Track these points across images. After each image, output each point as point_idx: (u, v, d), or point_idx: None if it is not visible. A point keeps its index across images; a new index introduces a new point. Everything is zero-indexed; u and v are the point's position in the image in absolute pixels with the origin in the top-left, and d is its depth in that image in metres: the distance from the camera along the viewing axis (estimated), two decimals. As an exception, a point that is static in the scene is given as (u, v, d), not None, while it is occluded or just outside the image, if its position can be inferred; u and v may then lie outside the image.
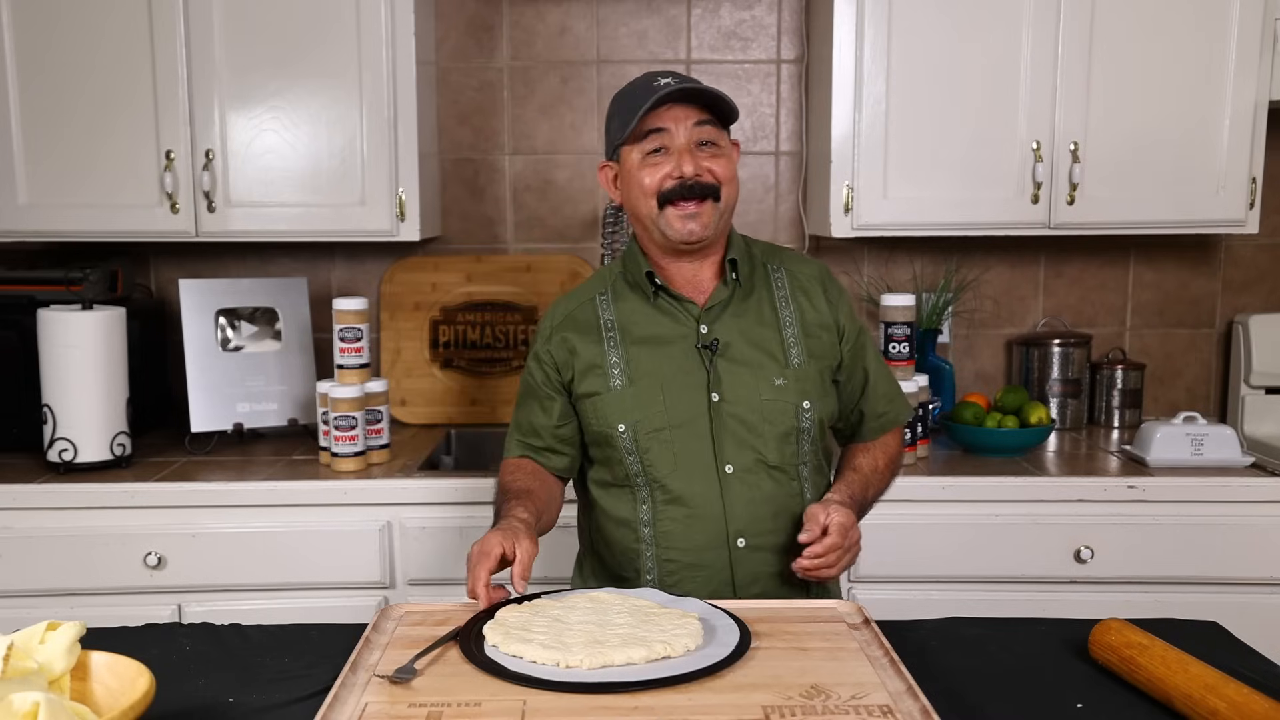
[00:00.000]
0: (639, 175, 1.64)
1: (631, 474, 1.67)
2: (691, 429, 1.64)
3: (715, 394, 1.65)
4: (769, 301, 1.71)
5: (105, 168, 2.50)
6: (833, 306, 1.73)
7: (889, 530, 2.32)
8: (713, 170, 1.63)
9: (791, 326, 1.70)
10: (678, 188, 1.61)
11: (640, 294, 1.71)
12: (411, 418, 2.84)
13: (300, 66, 2.49)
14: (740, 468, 1.64)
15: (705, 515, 1.64)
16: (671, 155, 1.62)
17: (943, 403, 2.73)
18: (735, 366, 1.66)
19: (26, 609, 2.25)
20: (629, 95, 1.65)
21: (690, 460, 1.64)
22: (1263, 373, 2.79)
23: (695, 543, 1.63)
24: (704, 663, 1.24)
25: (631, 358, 1.67)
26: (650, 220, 1.65)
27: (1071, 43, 2.47)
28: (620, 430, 1.65)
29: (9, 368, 2.51)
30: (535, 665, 1.24)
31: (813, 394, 1.67)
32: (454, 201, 2.90)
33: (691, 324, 1.68)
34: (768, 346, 1.68)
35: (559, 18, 2.84)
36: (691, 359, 1.66)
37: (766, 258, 1.76)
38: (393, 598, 2.34)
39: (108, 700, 1.14)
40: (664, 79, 1.62)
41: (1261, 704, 1.14)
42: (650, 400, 1.65)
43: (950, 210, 2.54)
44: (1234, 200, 2.52)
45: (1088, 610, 1.59)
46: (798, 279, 1.74)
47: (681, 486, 1.64)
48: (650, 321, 1.69)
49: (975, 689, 1.30)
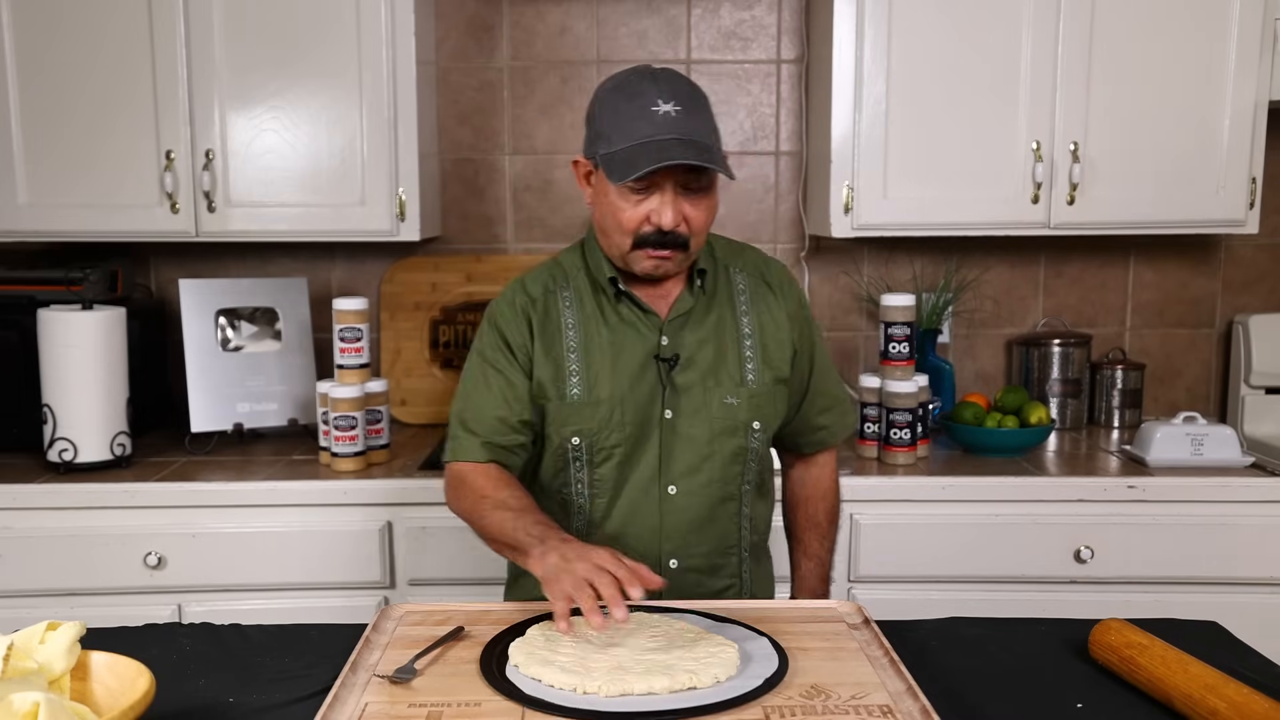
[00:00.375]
0: (616, 206, 1.54)
1: (572, 483, 1.64)
2: (642, 446, 1.61)
3: (669, 410, 1.62)
4: (730, 311, 1.67)
5: (105, 168, 2.50)
6: (790, 317, 1.70)
7: (889, 530, 2.32)
8: (690, 221, 1.53)
9: (750, 339, 1.66)
10: (652, 235, 1.53)
11: (602, 295, 1.65)
12: (411, 418, 2.84)
13: (300, 66, 2.49)
14: (683, 489, 1.62)
15: (638, 535, 1.62)
16: (653, 197, 1.52)
17: (943, 403, 2.73)
18: (690, 383, 1.62)
19: (26, 609, 2.25)
20: (623, 112, 1.50)
21: (635, 477, 1.62)
22: (1263, 373, 2.79)
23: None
24: (728, 694, 1.19)
25: (591, 367, 1.61)
26: (618, 251, 1.58)
27: (1071, 43, 2.47)
28: (574, 443, 1.61)
29: (9, 368, 2.51)
30: (551, 690, 1.21)
31: (765, 413, 1.65)
32: (454, 201, 2.90)
33: (653, 335, 1.63)
34: (725, 361, 1.64)
35: (559, 18, 2.84)
36: (649, 372, 1.62)
37: (728, 259, 1.71)
38: (393, 598, 2.34)
39: (108, 700, 1.14)
40: (663, 105, 1.48)
41: (1261, 704, 1.14)
42: (608, 416, 1.60)
43: (950, 210, 2.54)
44: (1234, 200, 2.52)
45: (1088, 610, 1.59)
46: (758, 285, 1.70)
47: (620, 504, 1.62)
48: (611, 329, 1.63)
49: (975, 689, 1.30)
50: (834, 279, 2.91)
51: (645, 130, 1.48)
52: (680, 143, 1.47)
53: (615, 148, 1.50)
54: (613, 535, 1.63)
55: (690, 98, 1.51)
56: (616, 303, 1.64)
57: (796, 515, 1.82)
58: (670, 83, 1.52)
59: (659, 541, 1.63)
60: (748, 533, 1.70)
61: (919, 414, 2.45)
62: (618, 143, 1.50)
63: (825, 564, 1.79)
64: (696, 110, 1.51)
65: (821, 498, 1.81)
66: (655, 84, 1.51)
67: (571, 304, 1.65)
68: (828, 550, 1.80)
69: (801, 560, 1.80)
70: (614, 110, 1.53)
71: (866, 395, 2.51)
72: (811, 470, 1.82)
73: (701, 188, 1.54)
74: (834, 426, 1.79)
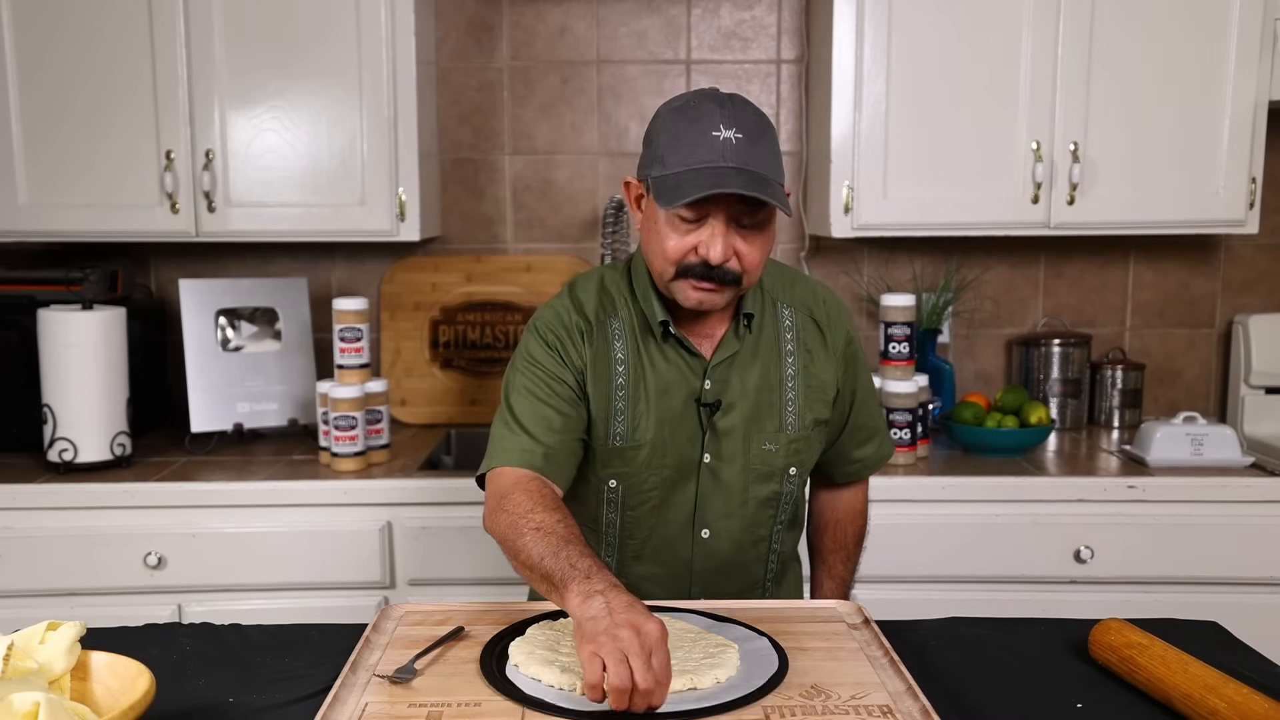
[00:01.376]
0: (664, 233, 1.45)
1: (603, 522, 1.62)
2: (679, 490, 1.58)
3: (709, 455, 1.57)
4: (775, 352, 1.60)
5: (105, 167, 2.50)
6: (838, 357, 1.63)
7: (889, 530, 2.32)
8: (742, 257, 1.44)
9: (794, 381, 1.60)
10: (699, 267, 1.44)
11: (649, 333, 1.57)
12: (411, 418, 2.84)
13: (300, 66, 2.49)
14: (715, 532, 1.60)
15: (670, 576, 1.62)
16: (704, 228, 1.43)
17: (943, 403, 2.73)
18: (731, 428, 1.57)
19: (26, 609, 2.26)
20: (684, 135, 1.42)
21: (669, 519, 1.60)
22: (1263, 373, 2.79)
23: (654, 596, 1.57)
24: (729, 695, 1.18)
25: (635, 411, 1.55)
26: (662, 280, 1.50)
27: (1071, 43, 2.47)
28: (611, 485, 1.58)
29: (9, 368, 2.51)
30: (550, 689, 1.20)
31: (803, 458, 1.62)
32: (454, 201, 2.90)
33: (696, 379, 1.56)
34: (766, 407, 1.58)
35: (559, 18, 2.84)
36: (690, 415, 1.56)
37: (777, 293, 1.63)
38: (393, 598, 2.34)
39: (108, 700, 1.14)
40: (725, 131, 1.39)
41: (1261, 704, 1.14)
42: (647, 459, 1.56)
43: (950, 210, 2.54)
44: (1234, 200, 2.52)
45: (1088, 610, 1.60)
46: (806, 322, 1.62)
47: (653, 544, 1.61)
48: (655, 369, 1.56)
49: (975, 689, 1.30)
50: (834, 279, 2.91)
51: (703, 156, 1.39)
52: (737, 172, 1.38)
53: (669, 171, 1.42)
54: (645, 576, 1.62)
55: (755, 126, 1.42)
56: (663, 342, 1.57)
57: (824, 538, 1.79)
58: (736, 109, 1.43)
59: (688, 580, 1.62)
60: (775, 566, 1.69)
61: (919, 414, 2.45)
62: (672, 166, 1.41)
63: (847, 584, 1.78)
64: (760, 140, 1.42)
65: (851, 521, 1.78)
66: (719, 108, 1.42)
67: (622, 337, 1.57)
68: (851, 571, 1.79)
69: (825, 580, 1.78)
70: (674, 133, 1.43)
71: (866, 395, 2.52)
72: (844, 495, 1.78)
73: (756, 223, 1.44)
74: (870, 459, 1.74)
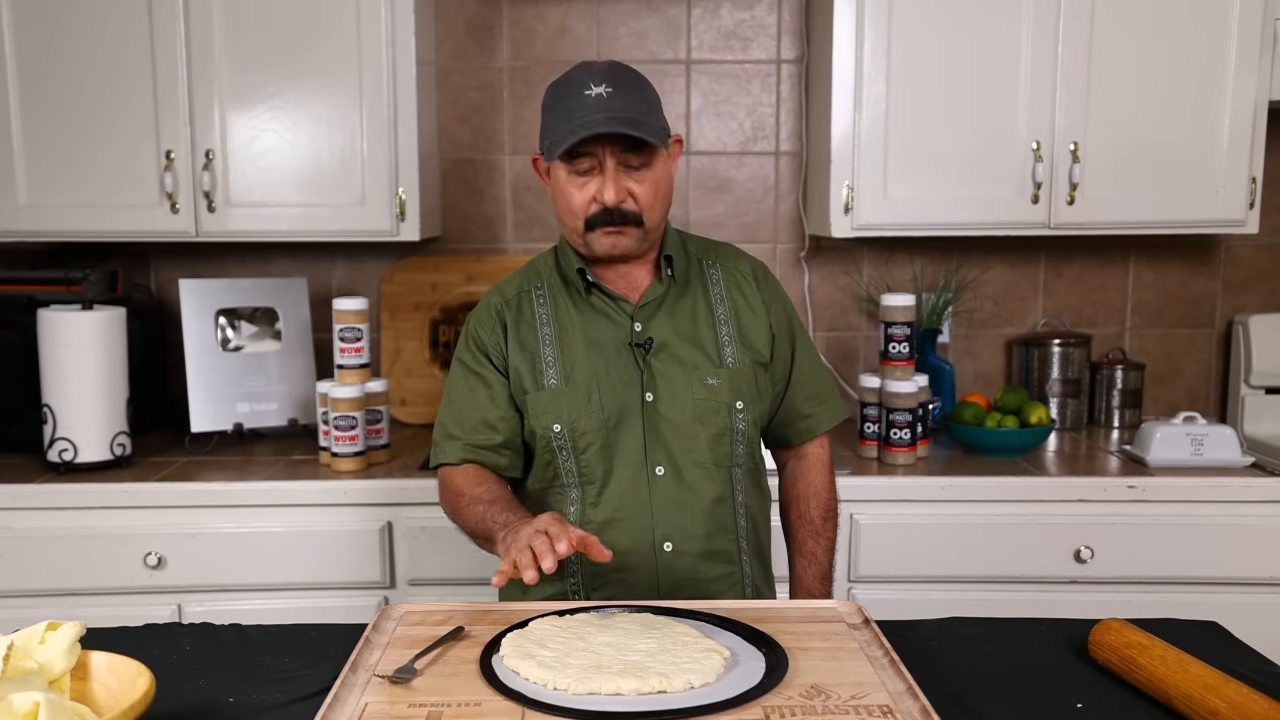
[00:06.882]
0: (566, 190, 1.62)
1: (562, 474, 1.66)
2: (624, 430, 1.64)
3: (649, 394, 1.64)
4: (704, 298, 1.71)
5: (105, 168, 2.50)
6: (766, 304, 1.73)
7: (889, 530, 2.33)
8: (636, 196, 1.60)
9: (726, 324, 1.70)
10: (600, 214, 1.60)
11: (574, 290, 1.70)
12: (411, 418, 2.84)
13: (300, 66, 2.49)
14: (671, 470, 1.64)
15: (631, 519, 1.63)
16: (597, 176, 1.60)
17: (943, 403, 2.73)
18: (668, 366, 1.65)
19: (26, 609, 2.26)
20: (562, 100, 1.60)
21: (622, 462, 1.64)
22: (1263, 373, 2.79)
23: (621, 546, 1.60)
24: (694, 702, 1.17)
25: (566, 356, 1.66)
26: (576, 235, 1.65)
27: (1071, 42, 2.47)
28: (556, 430, 1.64)
29: (9, 368, 2.51)
30: (527, 683, 1.21)
31: (746, 394, 1.67)
32: (454, 201, 2.90)
33: (625, 322, 1.67)
34: (702, 345, 1.67)
35: (559, 18, 2.84)
36: (625, 358, 1.66)
37: (702, 254, 1.76)
38: (393, 598, 2.34)
39: (108, 700, 1.14)
40: (595, 88, 1.56)
41: (1261, 704, 1.14)
42: (585, 400, 1.64)
43: (950, 210, 2.54)
44: (1234, 200, 2.52)
45: (1088, 610, 1.60)
46: (733, 275, 1.74)
47: (610, 489, 1.64)
48: (584, 319, 1.68)
49: (975, 689, 1.30)
50: (834, 279, 2.91)
51: (578, 113, 1.56)
52: (609, 118, 1.54)
53: (554, 134, 1.59)
54: (606, 522, 1.64)
55: (622, 80, 1.58)
56: (587, 294, 1.69)
57: (789, 514, 1.82)
58: (606, 68, 1.60)
59: (652, 525, 1.63)
60: (745, 522, 1.70)
61: (919, 414, 2.45)
62: (555, 128, 1.59)
63: (822, 564, 1.78)
64: (628, 89, 1.58)
65: (814, 494, 1.80)
66: (589, 73, 1.59)
67: (545, 300, 1.71)
68: (824, 550, 1.78)
69: (796, 559, 1.80)
70: (552, 102, 1.63)
71: (866, 395, 2.51)
72: (803, 464, 1.81)
73: (645, 162, 1.60)
74: (820, 414, 1.79)
